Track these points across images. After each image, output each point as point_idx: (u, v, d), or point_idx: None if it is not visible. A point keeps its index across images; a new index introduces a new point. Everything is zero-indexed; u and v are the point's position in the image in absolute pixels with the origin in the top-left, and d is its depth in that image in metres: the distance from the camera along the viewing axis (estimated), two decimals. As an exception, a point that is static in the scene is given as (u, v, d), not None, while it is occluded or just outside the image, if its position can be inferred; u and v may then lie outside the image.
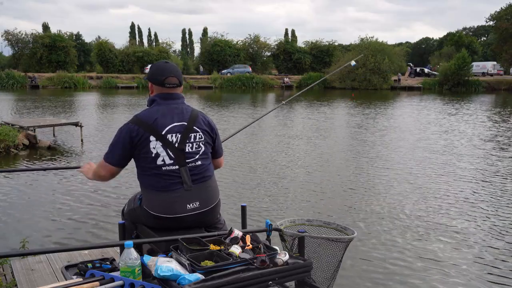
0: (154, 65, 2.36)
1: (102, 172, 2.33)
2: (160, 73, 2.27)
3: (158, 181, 2.17)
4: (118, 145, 2.20)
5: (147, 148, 2.16)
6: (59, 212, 6.21)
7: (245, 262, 1.81)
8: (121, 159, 2.23)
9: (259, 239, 2.13)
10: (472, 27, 77.32)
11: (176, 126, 2.21)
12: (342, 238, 2.63)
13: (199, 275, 1.70)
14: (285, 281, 1.95)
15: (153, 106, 2.25)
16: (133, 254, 1.77)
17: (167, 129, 2.18)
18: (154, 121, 2.18)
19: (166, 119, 2.20)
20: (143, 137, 2.16)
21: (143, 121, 2.18)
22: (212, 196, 2.32)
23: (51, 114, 17.96)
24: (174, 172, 2.18)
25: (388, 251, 4.97)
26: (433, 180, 8.01)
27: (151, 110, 2.24)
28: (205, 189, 2.27)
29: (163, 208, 2.18)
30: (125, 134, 2.18)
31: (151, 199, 2.21)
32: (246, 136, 13.30)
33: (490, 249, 5.04)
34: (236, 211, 6.22)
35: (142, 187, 2.28)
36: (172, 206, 2.18)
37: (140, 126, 2.17)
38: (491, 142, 12.38)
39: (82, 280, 1.73)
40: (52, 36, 48.67)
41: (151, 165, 2.17)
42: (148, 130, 2.16)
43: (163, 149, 2.16)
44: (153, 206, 2.20)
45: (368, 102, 26.85)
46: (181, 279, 1.68)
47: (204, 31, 66.83)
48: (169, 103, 2.25)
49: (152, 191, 2.20)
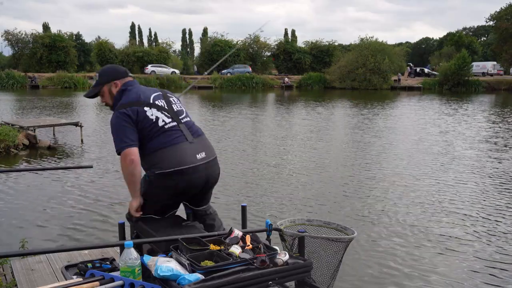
0: (106, 69, 2.66)
1: (127, 161, 2.38)
2: (117, 70, 2.64)
3: (165, 138, 2.41)
4: (123, 129, 2.39)
5: (146, 117, 2.42)
6: (59, 212, 6.21)
7: (245, 262, 1.82)
8: (134, 139, 2.39)
9: (259, 239, 2.13)
10: (472, 27, 77.32)
11: (156, 95, 2.55)
12: (342, 238, 2.62)
13: (199, 275, 1.70)
14: (285, 281, 1.95)
15: (128, 91, 2.52)
16: (133, 254, 1.77)
17: (152, 98, 2.51)
18: (139, 97, 2.48)
19: (146, 93, 2.53)
20: (138, 111, 2.42)
21: (130, 101, 2.45)
22: (213, 148, 2.62)
23: (51, 114, 17.96)
24: (175, 128, 2.46)
25: (388, 251, 4.97)
26: (434, 181, 8.01)
27: (129, 93, 2.51)
28: (204, 141, 2.58)
29: (177, 161, 2.38)
30: (122, 118, 2.40)
31: (164, 157, 2.40)
32: (246, 136, 13.31)
33: (491, 251, 5.04)
34: (236, 211, 6.23)
35: (151, 157, 2.43)
36: (184, 157, 2.40)
37: (130, 106, 2.42)
38: (492, 142, 12.38)
39: (82, 280, 1.73)
40: (52, 36, 48.62)
41: (155, 129, 2.42)
42: (139, 105, 2.44)
43: (159, 112, 2.46)
44: (169, 162, 2.38)
45: (368, 102, 26.84)
46: (181, 279, 1.68)
47: (204, 31, 66.79)
48: (137, 85, 2.60)
49: (163, 150, 2.40)
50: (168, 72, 45.24)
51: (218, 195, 7.03)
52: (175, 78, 43.81)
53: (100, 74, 2.65)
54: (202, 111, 21.36)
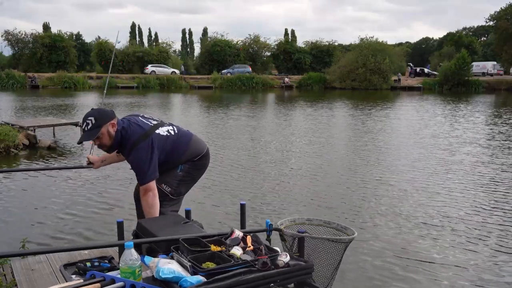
0: (100, 111, 2.86)
1: (152, 195, 2.78)
2: (108, 111, 2.90)
3: (183, 137, 2.99)
4: (152, 160, 2.75)
5: (161, 138, 2.84)
6: (59, 212, 6.20)
7: (246, 264, 1.81)
8: (157, 169, 2.83)
9: (260, 240, 2.13)
10: (472, 27, 77.28)
11: (145, 118, 2.99)
12: (342, 239, 2.62)
13: (201, 278, 1.69)
14: (286, 283, 1.95)
15: (127, 126, 2.83)
16: (134, 255, 1.77)
17: (148, 122, 2.93)
18: (148, 125, 2.87)
19: (141, 121, 2.91)
20: (155, 136, 2.81)
21: (146, 130, 2.83)
22: None
23: (51, 114, 17.96)
24: (179, 129, 3.04)
25: (388, 251, 4.96)
26: (434, 182, 8.00)
27: (137, 124, 2.86)
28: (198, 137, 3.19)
29: (199, 147, 3.05)
30: (151, 146, 2.75)
31: (193, 147, 3.01)
32: (246, 136, 13.31)
33: (493, 251, 5.03)
34: (235, 209, 6.22)
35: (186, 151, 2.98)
36: (200, 145, 3.08)
37: (148, 135, 2.79)
38: (492, 143, 12.38)
39: (82, 282, 1.72)
40: (52, 36, 48.63)
41: (173, 138, 2.92)
42: (153, 130, 2.84)
43: (163, 127, 2.91)
44: (195, 149, 3.02)
45: (368, 103, 26.85)
46: (183, 282, 1.67)
47: (204, 31, 66.93)
48: (126, 121, 2.92)
49: (189, 143, 3.01)
50: (168, 72, 45.26)
51: (218, 195, 7.03)
52: (175, 78, 43.82)
53: (96, 117, 2.75)
54: (202, 111, 21.37)
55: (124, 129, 2.80)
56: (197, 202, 6.37)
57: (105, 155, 3.32)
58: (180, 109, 23.05)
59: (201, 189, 7.00)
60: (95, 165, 3.28)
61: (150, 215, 2.73)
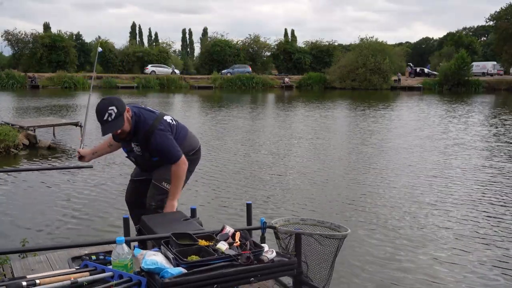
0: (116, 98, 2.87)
1: (185, 166, 2.94)
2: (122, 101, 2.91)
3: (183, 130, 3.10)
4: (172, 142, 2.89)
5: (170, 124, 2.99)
6: (59, 212, 6.26)
7: (229, 258, 1.89)
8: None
9: (248, 236, 2.19)
10: (472, 27, 77.16)
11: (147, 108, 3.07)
12: (336, 235, 2.66)
13: (182, 269, 1.78)
14: (267, 278, 2.01)
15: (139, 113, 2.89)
16: (125, 249, 1.86)
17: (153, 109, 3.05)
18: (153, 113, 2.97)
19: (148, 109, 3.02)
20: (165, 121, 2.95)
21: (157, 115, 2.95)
22: None
23: (51, 114, 18.02)
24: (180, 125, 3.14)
25: (387, 251, 5.02)
26: (434, 182, 8.05)
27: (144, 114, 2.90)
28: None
29: (194, 143, 3.18)
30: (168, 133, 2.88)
31: (191, 141, 3.14)
32: (245, 136, 13.37)
33: (491, 254, 5.10)
34: (235, 209, 6.31)
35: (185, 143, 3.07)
36: (195, 140, 3.22)
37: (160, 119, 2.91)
38: (493, 143, 12.44)
39: (74, 270, 1.82)
40: (52, 36, 48.63)
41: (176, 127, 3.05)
42: (162, 116, 2.96)
43: (171, 117, 3.05)
44: (191, 144, 3.13)
45: (368, 103, 26.89)
46: (164, 272, 1.76)
47: (204, 31, 66.92)
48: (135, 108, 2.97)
49: (189, 136, 3.14)
50: (168, 72, 45.30)
51: (218, 194, 7.12)
52: (175, 78, 43.88)
53: (116, 105, 2.73)
54: (202, 111, 21.44)
55: (136, 114, 2.82)
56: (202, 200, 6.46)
57: (95, 147, 3.35)
58: (180, 109, 23.10)
59: (207, 189, 7.07)
60: (86, 158, 3.22)
61: (179, 184, 2.91)
